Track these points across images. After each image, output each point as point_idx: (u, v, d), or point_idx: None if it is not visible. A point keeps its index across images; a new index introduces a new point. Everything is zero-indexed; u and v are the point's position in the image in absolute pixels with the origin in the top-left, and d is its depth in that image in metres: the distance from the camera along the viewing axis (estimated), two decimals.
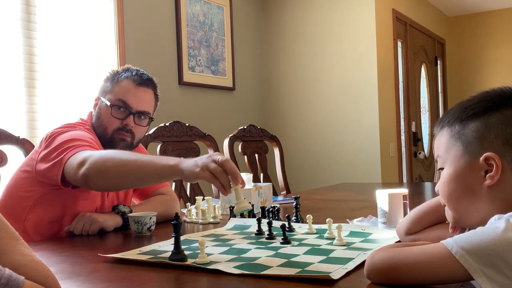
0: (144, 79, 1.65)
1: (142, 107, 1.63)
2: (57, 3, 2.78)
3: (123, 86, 1.62)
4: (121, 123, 1.60)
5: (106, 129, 1.61)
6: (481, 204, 0.87)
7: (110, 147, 1.58)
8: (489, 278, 0.72)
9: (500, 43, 5.78)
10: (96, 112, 1.65)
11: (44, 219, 1.50)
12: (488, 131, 0.85)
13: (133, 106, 1.61)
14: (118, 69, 1.68)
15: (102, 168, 1.31)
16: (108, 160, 1.32)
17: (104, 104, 1.62)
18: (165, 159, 1.28)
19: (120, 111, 1.60)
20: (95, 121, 1.64)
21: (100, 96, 1.66)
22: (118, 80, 1.63)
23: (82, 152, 1.38)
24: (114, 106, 1.59)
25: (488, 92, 0.90)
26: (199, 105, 3.74)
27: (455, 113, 0.90)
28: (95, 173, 1.31)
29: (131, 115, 1.61)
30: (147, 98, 1.66)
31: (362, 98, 4.10)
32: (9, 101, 2.53)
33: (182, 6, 3.57)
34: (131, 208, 1.58)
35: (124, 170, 1.30)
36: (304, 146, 4.33)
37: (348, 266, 0.96)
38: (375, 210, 1.43)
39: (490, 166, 0.84)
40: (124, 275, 1.01)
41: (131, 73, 1.64)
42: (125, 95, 1.60)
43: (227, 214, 1.70)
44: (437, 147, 0.94)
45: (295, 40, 4.38)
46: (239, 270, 0.96)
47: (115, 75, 1.65)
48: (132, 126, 1.61)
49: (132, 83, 1.62)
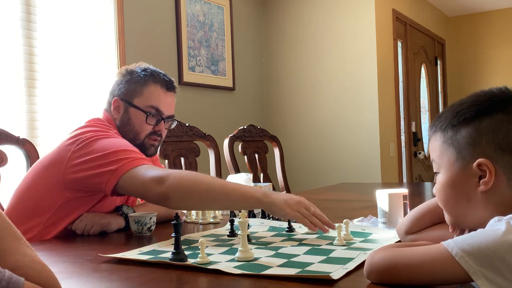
0: (171, 84, 1.66)
1: (171, 111, 1.67)
2: (57, 3, 2.78)
3: (152, 91, 1.61)
4: (153, 129, 1.62)
5: (139, 134, 1.61)
6: (477, 208, 0.87)
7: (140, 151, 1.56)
8: (488, 280, 0.72)
9: (500, 43, 5.78)
10: (123, 116, 1.61)
11: (63, 222, 1.47)
12: (479, 136, 0.85)
13: (165, 112, 1.63)
14: (133, 68, 1.65)
15: (185, 191, 1.31)
16: (191, 183, 1.32)
17: (134, 109, 1.60)
18: (250, 189, 1.31)
19: (154, 118, 1.61)
20: (123, 125, 1.61)
21: (123, 98, 1.61)
22: (144, 84, 1.61)
23: (152, 168, 1.37)
24: (150, 114, 1.59)
25: (478, 95, 0.90)
26: (199, 105, 3.74)
27: (447, 118, 0.90)
28: (177, 195, 1.31)
29: (162, 121, 1.63)
30: (173, 102, 1.69)
31: (362, 98, 4.10)
32: (9, 101, 2.53)
33: (182, 6, 3.57)
34: (134, 209, 1.58)
35: (208, 196, 1.31)
36: (304, 146, 4.33)
37: (348, 266, 0.96)
38: (375, 210, 1.43)
39: (483, 172, 0.84)
40: (124, 275, 1.01)
41: (158, 76, 1.63)
42: (157, 102, 1.61)
43: (227, 214, 1.70)
44: (431, 150, 0.95)
45: (295, 40, 4.38)
46: (239, 270, 0.96)
47: (137, 76, 1.62)
48: (164, 132, 1.66)
49: (161, 88, 1.62)
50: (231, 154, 2.60)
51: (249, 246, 1.10)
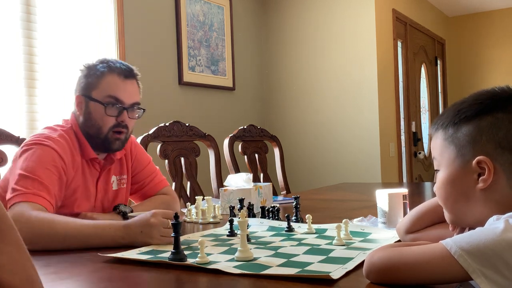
0: (129, 71, 1.58)
1: (133, 99, 1.58)
2: (57, 3, 2.78)
3: (109, 81, 1.54)
4: (116, 120, 1.55)
5: (101, 128, 1.54)
6: (476, 206, 0.87)
7: (105, 146, 1.55)
8: (487, 278, 0.72)
9: (500, 43, 5.78)
10: (84, 112, 1.56)
11: None
12: (480, 134, 0.86)
13: (125, 100, 1.55)
14: (93, 62, 1.59)
15: (47, 237, 1.25)
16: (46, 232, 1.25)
17: (93, 103, 1.54)
18: (109, 232, 1.25)
19: (114, 108, 1.54)
20: (85, 122, 1.56)
21: (83, 94, 1.57)
22: (101, 75, 1.55)
23: (31, 209, 1.31)
24: (108, 104, 1.53)
25: (480, 94, 0.90)
26: (199, 105, 3.74)
27: (448, 116, 0.91)
28: (39, 241, 1.24)
29: (124, 110, 1.55)
30: (135, 90, 1.60)
31: (362, 98, 4.10)
32: (9, 101, 2.54)
33: (182, 6, 3.57)
34: (132, 208, 1.59)
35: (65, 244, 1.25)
36: (304, 146, 4.33)
37: (348, 265, 0.96)
38: (375, 210, 1.43)
39: (482, 170, 0.85)
40: (124, 275, 1.01)
41: (114, 66, 1.57)
42: (115, 91, 1.54)
43: (227, 214, 1.70)
44: (433, 148, 0.95)
45: (295, 40, 4.38)
46: (239, 270, 0.96)
47: (94, 70, 1.56)
48: (127, 121, 1.57)
49: (118, 77, 1.55)
50: (231, 154, 2.61)
51: (249, 246, 1.10)
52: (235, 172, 2.54)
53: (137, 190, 1.76)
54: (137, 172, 1.74)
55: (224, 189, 1.79)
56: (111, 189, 1.64)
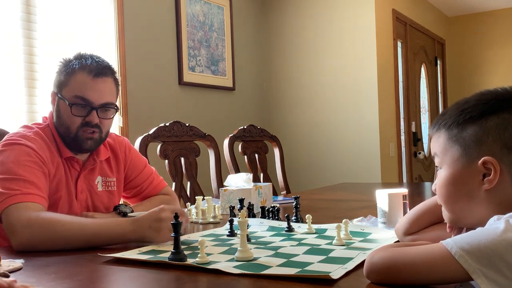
0: (100, 68, 1.49)
1: (104, 99, 1.48)
2: (57, 3, 2.78)
3: (78, 80, 1.46)
4: (84, 120, 1.47)
5: (69, 127, 1.47)
6: (478, 206, 0.87)
7: (76, 145, 1.49)
8: (488, 278, 0.72)
9: (500, 43, 5.77)
10: (55, 110, 1.51)
11: None
12: (486, 135, 0.85)
13: (94, 100, 1.46)
14: (69, 58, 1.53)
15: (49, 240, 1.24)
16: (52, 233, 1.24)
17: (62, 101, 1.48)
18: (117, 229, 1.25)
19: (81, 108, 1.46)
20: (56, 120, 1.51)
21: (55, 90, 1.51)
22: (72, 73, 1.48)
23: (26, 210, 1.28)
24: (73, 105, 1.46)
25: (483, 94, 0.90)
26: (199, 105, 3.74)
27: (452, 116, 0.91)
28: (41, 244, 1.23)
29: (93, 110, 1.47)
30: (107, 89, 1.50)
31: (362, 98, 4.10)
32: (9, 101, 2.54)
33: (182, 6, 3.57)
34: (132, 208, 1.58)
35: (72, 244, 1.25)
36: (304, 146, 4.33)
37: (348, 266, 0.96)
38: (375, 210, 1.43)
39: (488, 170, 0.85)
40: (124, 275, 1.01)
41: (85, 63, 1.48)
42: (83, 90, 1.46)
43: (227, 214, 1.70)
44: (433, 146, 0.95)
45: (295, 40, 4.38)
46: (239, 270, 0.96)
47: (67, 66, 1.50)
48: (97, 122, 1.48)
49: (88, 75, 1.46)
50: (231, 154, 2.61)
51: (249, 246, 1.10)
52: (235, 172, 2.54)
53: (137, 194, 1.74)
54: (135, 177, 1.71)
55: (224, 189, 1.79)
56: (96, 190, 1.58)
